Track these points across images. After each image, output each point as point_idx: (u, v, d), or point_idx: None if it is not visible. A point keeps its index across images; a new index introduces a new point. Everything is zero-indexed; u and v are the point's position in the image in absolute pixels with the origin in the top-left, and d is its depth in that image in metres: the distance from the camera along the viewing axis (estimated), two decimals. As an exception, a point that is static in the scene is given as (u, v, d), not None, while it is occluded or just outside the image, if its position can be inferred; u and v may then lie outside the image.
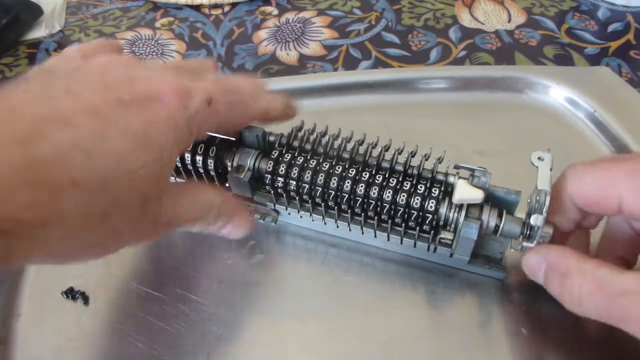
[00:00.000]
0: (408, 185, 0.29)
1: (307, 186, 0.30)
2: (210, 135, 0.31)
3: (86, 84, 0.24)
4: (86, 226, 0.22)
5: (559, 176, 0.27)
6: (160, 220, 0.25)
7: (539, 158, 0.27)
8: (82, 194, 0.21)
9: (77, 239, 0.22)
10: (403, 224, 0.29)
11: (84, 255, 0.24)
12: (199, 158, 0.31)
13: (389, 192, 0.29)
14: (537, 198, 0.26)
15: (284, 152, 0.31)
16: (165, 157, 0.24)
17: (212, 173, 0.32)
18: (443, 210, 0.28)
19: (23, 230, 0.20)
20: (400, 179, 0.29)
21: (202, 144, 0.31)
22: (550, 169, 0.26)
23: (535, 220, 0.25)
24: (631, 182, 0.24)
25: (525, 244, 0.26)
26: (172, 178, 0.34)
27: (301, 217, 0.33)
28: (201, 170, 0.32)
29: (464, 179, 0.28)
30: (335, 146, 0.31)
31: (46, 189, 0.20)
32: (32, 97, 0.22)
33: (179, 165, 0.32)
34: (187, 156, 0.31)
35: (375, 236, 0.31)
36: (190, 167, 0.32)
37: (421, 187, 0.29)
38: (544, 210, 0.25)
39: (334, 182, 0.29)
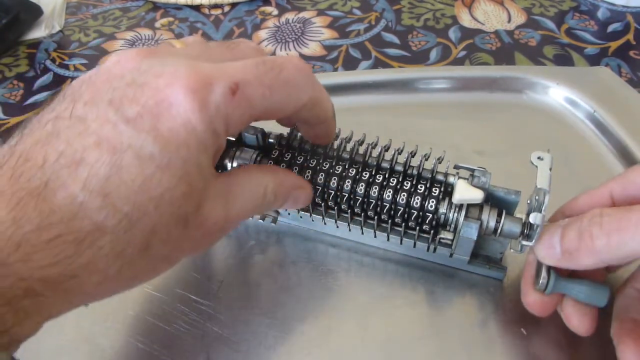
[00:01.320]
0: (408, 185, 0.29)
1: (307, 186, 0.30)
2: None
3: (92, 105, 0.21)
4: (126, 263, 0.20)
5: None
6: (212, 229, 0.23)
7: (538, 158, 0.27)
8: (111, 236, 0.19)
9: (121, 276, 0.21)
10: (403, 224, 0.29)
11: (136, 283, 0.22)
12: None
13: (389, 192, 0.29)
14: (537, 197, 0.26)
15: (283, 152, 0.31)
16: (192, 171, 0.21)
17: None
18: (443, 210, 0.28)
19: (52, 287, 0.19)
20: (400, 179, 0.29)
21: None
22: (550, 169, 0.26)
23: (535, 218, 0.25)
24: (619, 177, 0.26)
25: (524, 243, 0.26)
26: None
27: (301, 217, 0.33)
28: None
29: (464, 179, 0.28)
30: (335, 146, 0.31)
31: (69, 241, 0.19)
32: (45, 134, 0.20)
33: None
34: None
35: (375, 236, 0.31)
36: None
37: (421, 187, 0.29)
38: (543, 208, 0.25)
39: (334, 182, 0.29)
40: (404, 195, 0.29)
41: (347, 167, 0.30)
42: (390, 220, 0.29)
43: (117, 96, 0.21)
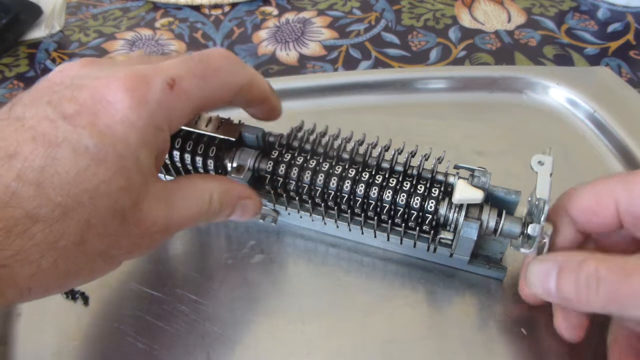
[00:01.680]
0: (408, 186, 0.29)
1: (306, 186, 0.30)
2: (210, 136, 0.31)
3: (30, 106, 0.22)
4: (61, 256, 0.20)
5: (558, 197, 0.27)
6: (151, 228, 0.23)
7: (539, 162, 0.26)
8: (43, 225, 0.20)
9: (57, 270, 0.21)
10: (403, 224, 0.29)
11: (76, 281, 0.22)
12: (198, 158, 0.31)
13: (389, 193, 0.29)
14: (537, 203, 0.26)
15: (283, 152, 0.31)
16: (129, 165, 0.22)
17: (212, 173, 0.31)
18: (443, 210, 0.28)
19: None
20: (400, 179, 0.29)
21: (202, 144, 0.31)
22: (551, 174, 0.26)
23: (533, 230, 0.25)
24: (624, 184, 0.24)
25: (523, 250, 0.26)
26: (162, 175, 0.33)
27: (301, 217, 0.33)
28: (201, 171, 0.32)
29: (464, 179, 0.28)
30: (335, 146, 0.31)
31: (0, 230, 0.19)
32: None
33: (179, 165, 0.32)
34: (187, 157, 0.31)
35: (375, 236, 0.31)
36: (190, 167, 0.32)
37: (421, 187, 0.29)
38: (542, 219, 0.25)
39: (334, 182, 0.29)
40: (403, 195, 0.29)
41: (347, 167, 0.30)
42: (390, 221, 0.29)
43: (55, 97, 0.22)
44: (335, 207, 0.31)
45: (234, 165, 0.31)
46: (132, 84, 0.22)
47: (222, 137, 0.31)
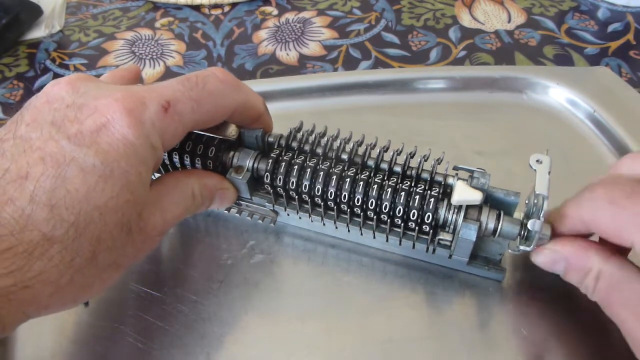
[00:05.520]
0: (407, 186, 0.29)
1: (306, 187, 0.30)
2: (209, 136, 0.31)
3: (34, 126, 0.22)
4: (77, 273, 0.21)
5: (576, 194, 0.26)
6: (151, 233, 0.25)
7: (537, 161, 0.26)
8: (60, 246, 0.20)
9: (73, 286, 0.22)
10: (402, 225, 0.29)
11: (89, 294, 0.23)
12: (197, 159, 0.31)
13: (388, 193, 0.29)
14: (535, 201, 0.26)
15: (283, 152, 0.31)
16: (133, 180, 0.23)
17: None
18: (442, 211, 0.28)
19: (5, 297, 0.19)
20: (399, 180, 0.29)
21: (202, 145, 0.31)
22: (549, 172, 0.26)
23: (533, 225, 0.25)
24: None
25: (522, 247, 0.26)
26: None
27: (300, 218, 0.33)
28: (201, 171, 0.32)
29: (463, 180, 0.28)
30: (335, 147, 0.31)
31: (20, 252, 0.20)
32: None
33: (178, 166, 0.32)
34: (187, 157, 0.31)
35: (374, 237, 0.31)
36: (189, 168, 0.32)
37: (420, 188, 0.29)
38: (541, 215, 0.25)
39: (333, 183, 0.29)
40: (402, 196, 0.29)
41: (346, 168, 0.30)
42: (389, 221, 0.29)
43: (58, 117, 0.22)
44: (335, 208, 0.31)
45: (233, 165, 0.31)
46: (130, 105, 0.23)
47: (221, 137, 0.31)
